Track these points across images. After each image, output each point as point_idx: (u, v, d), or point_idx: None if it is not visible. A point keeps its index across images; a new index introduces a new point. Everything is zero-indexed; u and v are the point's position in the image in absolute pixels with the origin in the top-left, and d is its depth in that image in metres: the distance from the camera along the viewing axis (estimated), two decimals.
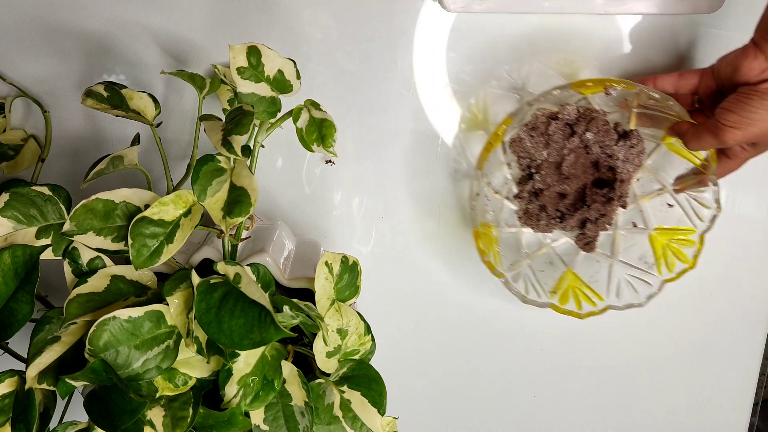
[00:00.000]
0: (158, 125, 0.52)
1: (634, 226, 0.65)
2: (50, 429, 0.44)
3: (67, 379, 0.40)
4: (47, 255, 0.46)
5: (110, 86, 0.52)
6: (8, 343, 0.47)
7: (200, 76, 0.53)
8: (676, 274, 0.63)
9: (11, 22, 0.60)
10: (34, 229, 0.46)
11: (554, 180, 0.63)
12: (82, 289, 0.44)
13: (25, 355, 0.45)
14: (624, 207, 0.64)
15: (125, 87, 0.52)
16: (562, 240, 0.67)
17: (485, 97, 0.63)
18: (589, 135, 0.61)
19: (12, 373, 0.44)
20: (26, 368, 0.43)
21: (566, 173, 0.63)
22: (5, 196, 0.45)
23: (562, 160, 0.63)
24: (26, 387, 0.42)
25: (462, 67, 0.62)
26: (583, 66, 0.63)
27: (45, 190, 0.47)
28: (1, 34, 0.60)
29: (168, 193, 0.50)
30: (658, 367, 0.71)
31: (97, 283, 0.45)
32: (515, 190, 0.65)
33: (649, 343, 0.70)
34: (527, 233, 0.66)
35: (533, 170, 0.63)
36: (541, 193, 0.64)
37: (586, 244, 0.65)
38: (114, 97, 0.51)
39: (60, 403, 0.46)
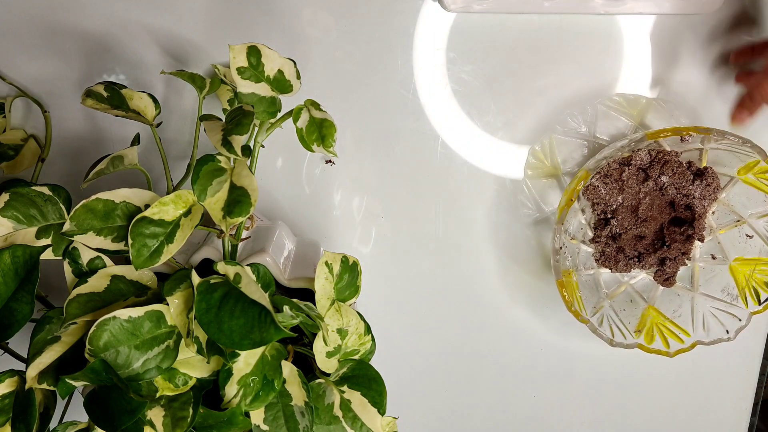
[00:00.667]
0: (158, 125, 0.52)
1: (713, 258, 0.66)
2: (50, 429, 0.44)
3: (67, 379, 0.40)
4: (47, 255, 0.46)
5: (110, 86, 0.52)
6: (8, 343, 0.47)
7: (200, 76, 0.53)
8: (763, 306, 0.62)
9: (11, 22, 0.60)
10: (34, 229, 0.46)
11: (631, 223, 0.64)
12: (82, 289, 0.44)
13: (25, 355, 0.45)
14: (701, 240, 0.65)
15: (125, 87, 0.52)
16: (639, 276, 0.67)
17: (551, 143, 0.64)
18: (664, 178, 0.62)
19: (12, 373, 0.44)
20: (26, 368, 0.43)
21: (643, 216, 0.64)
22: (5, 196, 0.45)
23: (638, 204, 0.63)
24: (26, 387, 0.42)
25: (462, 67, 0.63)
26: (647, 106, 0.63)
27: (45, 190, 0.47)
28: (1, 34, 0.60)
29: (168, 193, 0.50)
30: (658, 367, 0.71)
31: (97, 283, 0.45)
32: (591, 234, 0.66)
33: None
34: (605, 273, 0.66)
35: (609, 215, 0.64)
36: (618, 237, 0.64)
37: (666, 279, 0.65)
38: (114, 97, 0.51)
39: (60, 403, 0.46)
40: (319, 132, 0.47)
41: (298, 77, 0.48)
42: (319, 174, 0.64)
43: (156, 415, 0.44)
